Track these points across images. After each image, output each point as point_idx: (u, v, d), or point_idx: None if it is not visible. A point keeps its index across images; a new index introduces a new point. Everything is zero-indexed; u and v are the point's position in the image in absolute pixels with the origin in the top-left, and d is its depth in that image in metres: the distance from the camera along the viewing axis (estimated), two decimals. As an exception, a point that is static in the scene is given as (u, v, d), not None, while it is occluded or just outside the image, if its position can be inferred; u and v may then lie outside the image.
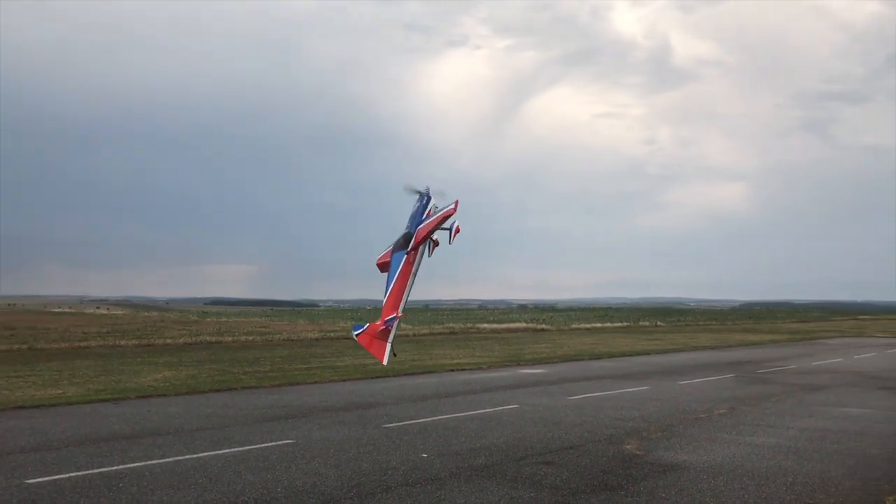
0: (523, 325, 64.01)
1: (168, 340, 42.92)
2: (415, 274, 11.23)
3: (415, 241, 11.31)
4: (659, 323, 78.18)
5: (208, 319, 78.47)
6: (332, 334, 49.12)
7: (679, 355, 32.83)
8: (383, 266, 11.72)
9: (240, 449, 11.20)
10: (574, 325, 66.19)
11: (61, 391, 18.17)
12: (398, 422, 13.74)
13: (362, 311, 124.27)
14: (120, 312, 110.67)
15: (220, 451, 11.00)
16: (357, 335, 10.78)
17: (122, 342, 40.91)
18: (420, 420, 13.95)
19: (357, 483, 9.18)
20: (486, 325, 62.43)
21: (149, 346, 39.82)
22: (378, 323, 10.74)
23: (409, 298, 11.21)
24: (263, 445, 11.48)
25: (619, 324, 74.07)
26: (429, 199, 11.88)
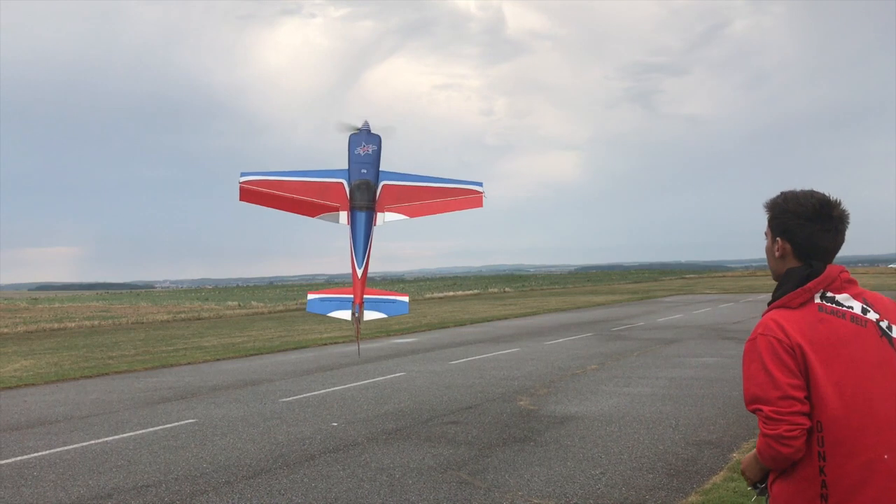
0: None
1: (4, 329, 40.25)
2: None
3: (385, 203, 9.44)
4: (506, 289, 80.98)
5: (40, 306, 73.68)
6: (182, 315, 47.70)
7: (536, 318, 34.45)
8: (250, 194, 9.44)
9: (144, 431, 11.07)
10: (427, 295, 67.44)
11: (-86, 387, 16.93)
12: (294, 395, 13.92)
13: (206, 291, 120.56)
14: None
15: (124, 435, 10.84)
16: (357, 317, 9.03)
17: (-46, 334, 38.02)
18: (315, 392, 14.19)
19: (280, 454, 9.40)
20: (340, 299, 62.38)
21: (-16, 336, 37.23)
22: (358, 301, 9.13)
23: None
24: (167, 426, 11.39)
25: (470, 291, 76.14)
26: (380, 140, 9.80)
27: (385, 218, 9.56)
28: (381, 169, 9.77)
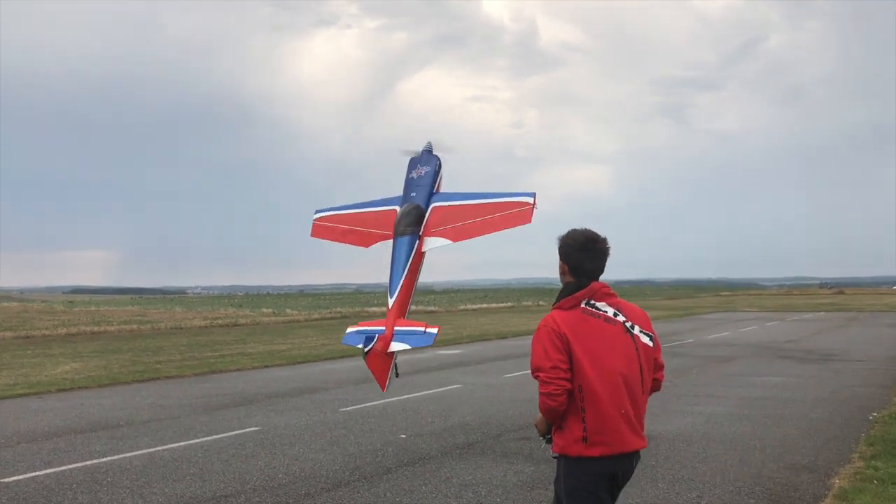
0: (412, 307, 64.17)
1: (45, 332, 40.48)
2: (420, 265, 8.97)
3: (431, 227, 8.74)
4: (541, 302, 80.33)
5: (76, 309, 74.37)
6: (220, 321, 47.78)
7: (579, 333, 33.93)
8: (321, 230, 9.40)
9: (209, 438, 10.86)
10: (461, 307, 67.08)
11: (-31, 387, 16.92)
12: (353, 405, 13.66)
13: (239, 298, 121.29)
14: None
15: (190, 442, 10.62)
16: (366, 353, 8.11)
17: (-2, 335, 38.31)
18: (374, 403, 13.90)
19: (355, 466, 9.13)
20: (375, 309, 62.30)
21: (27, 337, 37.48)
22: (387, 334, 8.22)
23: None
24: (232, 434, 11.17)
25: (503, 304, 75.66)
26: (440, 162, 9.39)
27: (430, 244, 9.04)
28: (438, 191, 9.35)
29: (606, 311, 4.12)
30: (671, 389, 15.20)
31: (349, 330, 8.76)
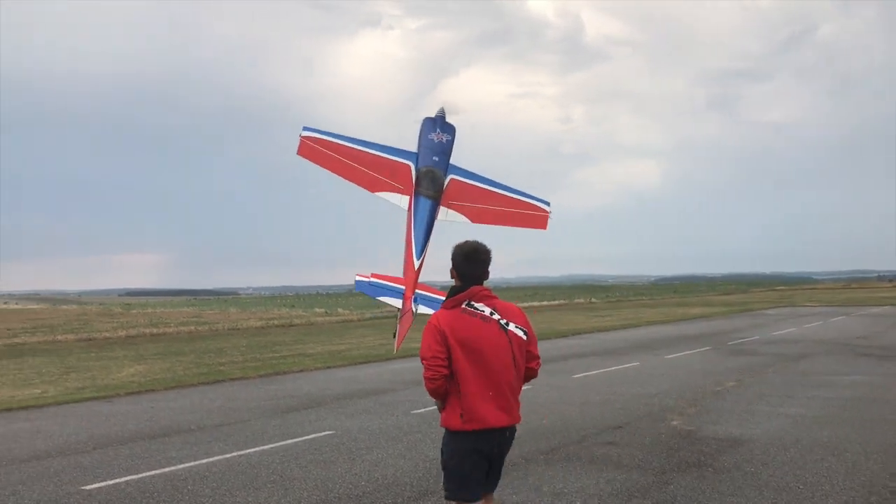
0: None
1: (105, 334, 41.17)
2: None
3: (450, 198, 8.54)
4: (593, 300, 79.44)
5: (134, 311, 75.77)
6: (275, 322, 48.14)
7: (639, 330, 33.31)
8: (311, 150, 8.53)
9: (284, 443, 10.66)
10: (514, 305, 66.54)
11: (40, 391, 17.07)
12: (424, 407, 13.37)
13: (290, 298, 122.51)
14: (36, 307, 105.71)
15: (265, 447, 10.44)
16: (412, 313, 7.93)
17: (61, 337, 39.06)
18: (444, 405, 13.60)
19: (438, 472, 8.75)
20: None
21: (89, 340, 38.19)
22: (408, 294, 8.12)
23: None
24: (305, 438, 10.97)
25: (555, 301, 74.96)
26: (455, 131, 8.92)
27: (448, 214, 8.62)
28: (450, 163, 8.79)
29: (483, 311, 4.90)
30: (748, 389, 14.64)
31: (359, 278, 8.70)
